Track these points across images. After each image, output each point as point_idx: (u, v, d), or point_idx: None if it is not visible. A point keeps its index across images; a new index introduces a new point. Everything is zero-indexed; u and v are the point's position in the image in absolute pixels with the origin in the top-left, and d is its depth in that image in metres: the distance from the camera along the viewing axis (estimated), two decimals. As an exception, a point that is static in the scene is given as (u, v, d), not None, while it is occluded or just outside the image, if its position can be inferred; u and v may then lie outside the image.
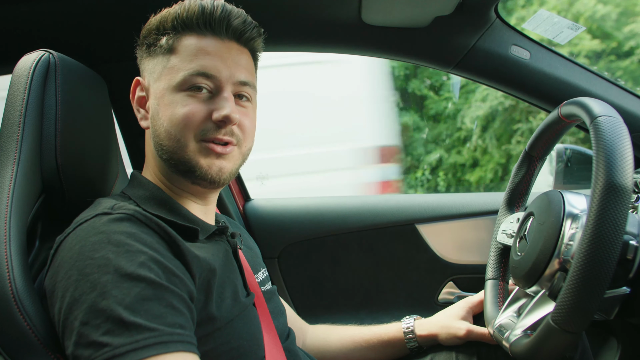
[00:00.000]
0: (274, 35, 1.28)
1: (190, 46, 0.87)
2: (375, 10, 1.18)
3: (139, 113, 0.94)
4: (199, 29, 0.88)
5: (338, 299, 1.62)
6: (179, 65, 0.87)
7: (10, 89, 0.89)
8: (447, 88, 6.82)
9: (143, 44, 0.93)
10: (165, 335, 0.67)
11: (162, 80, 0.88)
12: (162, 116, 0.87)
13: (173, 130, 0.86)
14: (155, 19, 0.90)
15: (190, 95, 0.86)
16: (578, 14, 5.48)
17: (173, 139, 0.86)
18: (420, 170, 6.62)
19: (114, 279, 0.68)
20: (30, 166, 0.86)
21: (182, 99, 0.86)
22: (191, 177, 0.89)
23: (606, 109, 0.80)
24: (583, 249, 0.71)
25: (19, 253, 0.78)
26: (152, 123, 0.90)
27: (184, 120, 0.85)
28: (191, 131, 0.86)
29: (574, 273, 0.72)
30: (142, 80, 0.93)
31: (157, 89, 0.89)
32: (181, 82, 0.86)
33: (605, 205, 0.71)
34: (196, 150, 0.86)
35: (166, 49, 0.88)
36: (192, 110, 0.86)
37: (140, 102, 0.94)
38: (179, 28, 0.88)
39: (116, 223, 0.76)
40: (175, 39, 0.88)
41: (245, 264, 1.01)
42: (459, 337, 1.11)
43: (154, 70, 0.90)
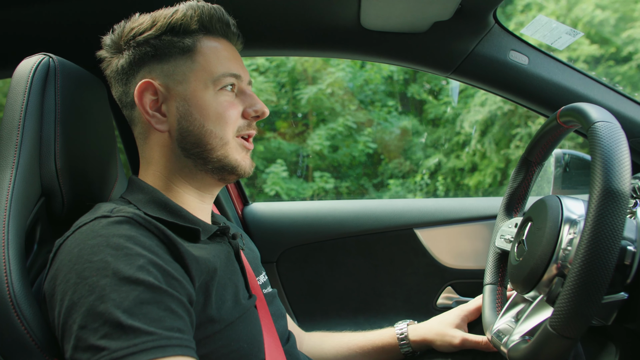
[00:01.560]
0: (274, 39, 1.29)
1: (213, 48, 0.92)
2: (374, 15, 1.18)
3: (152, 117, 0.90)
4: (216, 31, 0.93)
5: (336, 304, 1.62)
6: (210, 67, 0.90)
7: (9, 93, 0.89)
8: (447, 92, 6.83)
9: (143, 47, 0.89)
10: (163, 339, 0.67)
11: (190, 81, 0.89)
12: (199, 116, 0.89)
13: (215, 129, 0.90)
14: (160, 21, 0.89)
15: (223, 95, 0.91)
16: (576, 19, 5.49)
17: (215, 136, 0.90)
18: (419, 174, 6.62)
19: (112, 282, 0.68)
20: (29, 169, 0.86)
21: (217, 98, 0.90)
22: (223, 173, 0.93)
23: (604, 114, 0.80)
24: (581, 255, 0.71)
25: (17, 256, 0.78)
26: (182, 124, 0.89)
27: (224, 118, 0.90)
28: (230, 128, 0.91)
29: (572, 279, 0.72)
30: (155, 84, 0.89)
31: (185, 90, 0.89)
32: (215, 83, 0.90)
33: (603, 210, 0.71)
34: (234, 147, 0.92)
35: (187, 50, 0.90)
36: (230, 109, 0.91)
37: (152, 105, 0.90)
38: (200, 30, 0.91)
39: (115, 226, 0.76)
40: (196, 40, 0.91)
41: (247, 265, 1.01)
42: (453, 345, 1.11)
43: (174, 73, 0.89)
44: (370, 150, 6.46)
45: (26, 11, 1.11)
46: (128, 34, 0.90)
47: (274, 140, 6.43)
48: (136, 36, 0.89)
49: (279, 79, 6.55)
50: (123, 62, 0.91)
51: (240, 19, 0.97)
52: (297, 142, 6.62)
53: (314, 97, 6.43)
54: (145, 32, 0.89)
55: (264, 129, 6.46)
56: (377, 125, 6.60)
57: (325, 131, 6.36)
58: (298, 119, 6.75)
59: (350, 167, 6.51)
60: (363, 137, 6.42)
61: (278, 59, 6.40)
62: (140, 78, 0.90)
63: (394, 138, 6.67)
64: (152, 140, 0.93)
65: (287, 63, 6.51)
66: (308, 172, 6.44)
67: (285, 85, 6.64)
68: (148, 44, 0.89)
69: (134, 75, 0.91)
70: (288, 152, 6.45)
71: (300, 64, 6.56)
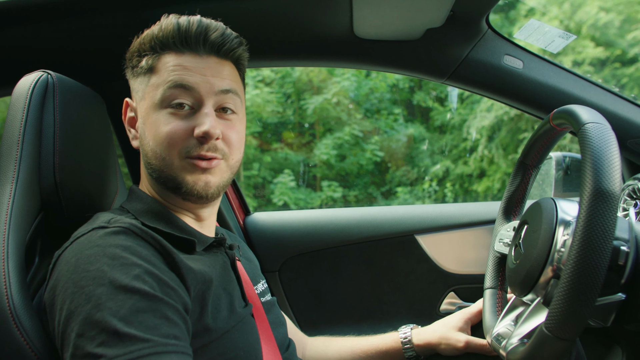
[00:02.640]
0: (267, 50, 1.30)
1: (168, 63, 0.88)
2: (367, 23, 1.19)
3: (130, 133, 0.96)
4: (176, 47, 0.89)
5: (339, 311, 1.62)
6: (158, 82, 0.88)
7: (9, 109, 0.91)
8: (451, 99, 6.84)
9: (128, 66, 0.95)
10: (159, 346, 0.67)
11: (145, 99, 0.90)
12: (148, 135, 0.89)
13: (158, 149, 0.88)
14: (137, 41, 0.92)
15: (172, 113, 0.87)
16: (581, 22, 5.48)
17: (159, 157, 0.88)
18: (427, 181, 6.60)
19: (108, 291, 0.69)
20: (28, 184, 0.88)
21: (164, 117, 0.87)
22: (180, 194, 0.90)
23: (594, 115, 0.80)
24: (573, 256, 0.71)
25: (17, 270, 0.80)
26: (141, 142, 0.92)
27: (167, 138, 0.87)
28: (175, 149, 0.87)
29: (565, 280, 0.72)
30: (130, 101, 0.95)
31: (142, 108, 0.91)
32: (161, 99, 0.87)
33: (593, 211, 0.71)
34: (181, 167, 0.88)
35: (147, 69, 0.90)
36: (174, 128, 0.87)
37: (131, 122, 0.96)
38: (157, 48, 0.89)
39: (112, 236, 0.77)
40: (154, 58, 0.90)
41: (244, 275, 1.02)
42: (458, 349, 1.10)
43: (138, 90, 0.92)
44: (378, 158, 6.46)
45: (25, 30, 1.14)
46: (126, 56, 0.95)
47: (280, 151, 6.46)
48: (127, 58, 0.95)
49: (285, 89, 6.60)
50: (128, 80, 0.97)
51: (234, 31, 0.98)
52: (304, 152, 6.65)
53: (320, 107, 6.47)
54: (127, 54, 0.94)
55: (271, 140, 6.50)
56: (383, 134, 6.61)
57: (332, 140, 6.38)
58: (305, 129, 6.78)
59: (357, 176, 6.51)
60: (370, 145, 6.43)
61: (283, 70, 6.45)
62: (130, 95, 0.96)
63: (401, 146, 6.67)
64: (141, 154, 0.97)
65: (293, 74, 6.55)
66: (316, 182, 6.46)
67: (291, 96, 6.68)
68: (129, 65, 0.94)
69: (128, 92, 0.97)
70: (295, 163, 6.47)
71: (306, 74, 6.60)
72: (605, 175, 0.72)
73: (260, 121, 6.33)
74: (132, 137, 0.96)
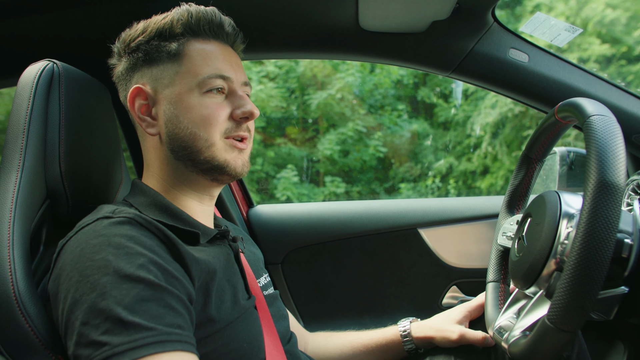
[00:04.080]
0: (272, 41, 1.30)
1: (201, 50, 0.92)
2: (372, 16, 1.19)
3: (143, 121, 0.94)
4: (204, 34, 0.93)
5: (341, 304, 1.62)
6: (195, 70, 0.91)
7: (15, 98, 0.91)
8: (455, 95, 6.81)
9: (136, 52, 0.93)
10: (163, 335, 0.68)
11: (176, 85, 0.91)
12: (184, 119, 0.90)
13: (200, 132, 0.90)
14: (151, 27, 0.92)
15: (210, 97, 0.91)
16: (587, 18, 5.45)
17: (200, 139, 0.90)
18: (430, 178, 6.59)
19: (113, 280, 0.70)
20: (34, 173, 0.88)
21: (203, 101, 0.91)
22: (214, 174, 0.94)
23: (599, 108, 0.80)
24: (576, 248, 0.71)
25: (21, 257, 0.80)
26: (169, 128, 0.92)
27: (210, 120, 0.90)
28: (217, 130, 0.91)
29: (568, 272, 0.72)
30: (145, 88, 0.93)
31: (172, 93, 0.91)
32: (200, 85, 0.91)
33: (598, 203, 0.70)
34: (222, 148, 0.92)
35: (174, 54, 0.91)
36: (216, 111, 0.91)
37: (143, 110, 0.94)
38: (186, 34, 0.92)
39: (117, 226, 0.77)
40: (183, 44, 0.92)
41: (247, 267, 1.02)
42: (452, 341, 1.11)
43: (162, 77, 0.92)
44: (381, 154, 6.45)
45: (32, 21, 1.14)
46: (125, 40, 0.94)
47: (284, 146, 6.46)
48: (130, 43, 0.93)
49: (289, 84, 6.59)
50: (122, 68, 0.96)
51: (238, 22, 0.98)
52: (308, 148, 6.65)
53: (324, 102, 6.45)
54: (137, 39, 0.93)
55: (274, 135, 6.50)
56: (387, 130, 6.59)
57: (336, 136, 6.37)
58: (308, 124, 6.77)
59: (361, 172, 6.50)
60: (373, 141, 6.42)
61: (287, 65, 6.44)
62: (134, 83, 0.94)
63: (405, 142, 6.66)
64: (148, 144, 0.97)
65: (297, 69, 6.54)
66: (319, 177, 6.45)
67: (295, 91, 6.67)
68: (139, 49, 0.93)
69: (130, 80, 0.95)
70: (299, 158, 6.47)
71: (310, 69, 6.58)
72: (610, 168, 0.71)
73: (264, 116, 6.33)
74: (147, 125, 0.94)
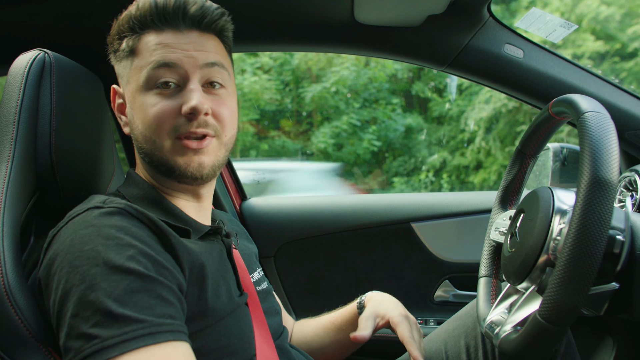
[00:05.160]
0: (267, 34, 1.29)
1: (149, 43, 0.86)
2: (367, 9, 1.18)
3: (121, 120, 0.94)
4: (155, 25, 0.86)
5: (334, 297, 1.62)
6: (141, 64, 0.85)
7: (5, 88, 0.90)
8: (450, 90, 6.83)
9: (111, 50, 0.92)
10: (154, 327, 0.67)
11: (130, 83, 0.88)
12: (136, 119, 0.87)
13: (147, 132, 0.85)
14: (116, 23, 0.90)
15: (158, 94, 0.85)
16: (581, 15, 5.47)
17: (149, 140, 0.86)
18: (424, 172, 6.62)
19: (102, 272, 0.69)
20: (24, 164, 0.87)
21: (150, 98, 0.85)
22: (174, 177, 0.88)
23: (593, 105, 0.80)
24: (569, 243, 0.71)
25: (11, 248, 0.79)
26: (131, 128, 0.91)
27: (155, 119, 0.84)
28: (164, 130, 0.84)
29: (560, 267, 0.72)
30: (117, 88, 0.93)
31: (128, 92, 0.89)
32: (146, 80, 0.85)
33: (591, 199, 0.70)
34: (172, 150, 0.85)
35: (128, 51, 0.87)
36: (161, 109, 0.84)
37: (120, 109, 0.94)
38: (136, 28, 0.86)
39: (107, 217, 0.76)
40: (134, 39, 0.87)
41: (241, 263, 1.01)
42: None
43: (123, 75, 0.90)
44: (375, 148, 6.46)
45: (24, 9, 1.13)
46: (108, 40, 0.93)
47: (278, 138, 6.45)
48: (108, 43, 0.92)
49: (283, 77, 6.57)
50: None
51: (233, 14, 0.97)
52: (302, 141, 6.64)
53: (318, 96, 6.45)
54: (109, 38, 0.92)
55: (268, 127, 6.48)
56: (381, 123, 6.60)
57: (330, 129, 6.38)
58: (302, 117, 6.76)
59: (354, 165, 6.51)
60: (367, 135, 6.43)
61: (282, 57, 6.42)
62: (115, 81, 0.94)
63: (399, 136, 6.67)
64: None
65: (291, 61, 6.52)
66: (312, 171, 6.45)
67: (289, 84, 6.66)
68: (111, 50, 0.92)
69: (115, 78, 0.94)
70: (292, 151, 6.47)
71: (305, 62, 6.57)
72: (603, 164, 0.71)
73: (258, 108, 6.31)
74: (123, 124, 0.93)
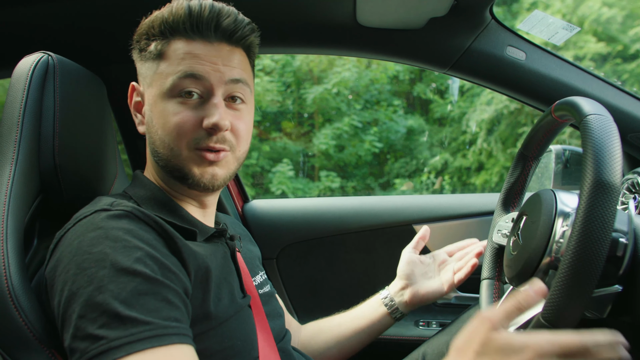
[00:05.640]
0: (269, 36, 1.29)
1: (178, 50, 0.86)
2: (370, 11, 1.18)
3: (136, 118, 0.94)
4: (186, 33, 0.86)
5: (336, 300, 1.63)
6: (168, 70, 0.86)
7: (9, 90, 0.90)
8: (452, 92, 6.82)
9: (136, 48, 0.92)
10: (160, 329, 0.68)
11: (153, 86, 0.88)
12: (156, 124, 0.88)
13: (167, 139, 0.86)
14: (145, 22, 0.90)
15: (181, 102, 0.86)
16: (583, 17, 5.46)
17: (167, 147, 0.87)
18: (426, 174, 6.61)
19: (110, 274, 0.69)
20: (28, 166, 0.88)
21: (173, 106, 0.86)
22: (186, 183, 0.89)
23: (596, 107, 0.80)
24: (571, 246, 0.71)
25: (15, 251, 0.80)
26: (148, 129, 0.91)
27: (176, 129, 0.85)
28: (184, 140, 0.86)
29: (563, 270, 0.72)
30: (137, 86, 0.93)
31: (150, 95, 0.89)
32: (171, 88, 0.85)
33: (593, 202, 0.71)
34: (189, 159, 0.87)
35: (155, 54, 0.88)
36: (184, 119, 0.85)
37: (137, 107, 0.94)
38: (167, 33, 0.87)
39: (114, 219, 0.77)
40: (164, 44, 0.87)
41: (243, 266, 1.02)
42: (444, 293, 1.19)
43: (146, 76, 0.90)
44: (377, 149, 6.46)
45: (28, 11, 1.13)
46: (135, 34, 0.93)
47: (279, 140, 6.46)
48: (134, 39, 0.93)
49: (285, 79, 6.57)
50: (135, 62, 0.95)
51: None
52: (303, 142, 6.64)
53: (320, 97, 6.45)
54: (137, 34, 0.91)
55: (270, 129, 6.49)
56: (382, 125, 6.60)
57: (331, 131, 6.38)
58: (304, 119, 6.76)
59: (356, 167, 6.52)
60: (369, 136, 6.43)
61: (283, 59, 6.42)
62: (136, 79, 0.94)
63: (400, 137, 6.67)
64: (146, 139, 0.95)
65: (293, 63, 6.53)
66: (314, 172, 6.46)
67: (290, 85, 6.66)
68: (137, 47, 0.92)
69: (135, 75, 0.94)
70: (294, 152, 6.47)
71: (306, 64, 6.57)
72: (606, 167, 0.71)
73: (259, 110, 6.32)
74: (139, 122, 0.94)
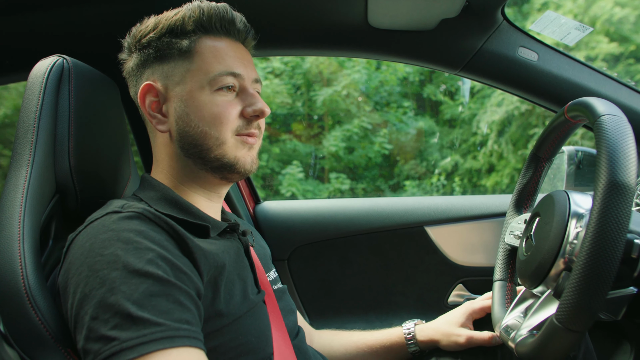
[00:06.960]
0: (281, 38, 1.30)
1: (212, 48, 0.92)
2: (381, 13, 1.19)
3: (153, 118, 0.94)
4: (216, 31, 0.93)
5: (348, 301, 1.63)
6: (206, 67, 0.91)
7: (25, 93, 0.92)
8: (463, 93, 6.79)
9: (147, 49, 0.92)
10: (172, 330, 0.68)
11: (187, 82, 0.90)
12: (195, 117, 0.90)
13: (211, 130, 0.90)
14: (161, 23, 0.91)
15: (221, 95, 0.91)
16: (595, 17, 5.41)
17: (211, 137, 0.90)
18: (436, 175, 6.58)
19: (122, 275, 0.70)
20: (44, 167, 0.89)
21: (214, 99, 0.91)
22: (224, 172, 0.94)
23: (610, 108, 0.79)
24: (586, 248, 0.71)
25: (32, 251, 0.81)
26: (180, 125, 0.91)
27: (221, 118, 0.90)
28: (228, 128, 0.91)
29: (577, 271, 0.71)
30: (154, 85, 0.92)
31: (183, 91, 0.91)
32: (211, 83, 0.90)
33: (608, 203, 0.70)
34: (233, 145, 0.92)
35: (185, 51, 0.91)
36: (227, 109, 0.91)
37: (153, 107, 0.94)
38: (198, 31, 0.92)
39: (126, 221, 0.78)
40: (195, 41, 0.91)
41: (257, 261, 1.03)
42: (459, 345, 1.11)
43: (173, 74, 0.91)
44: (386, 151, 6.44)
45: (41, 15, 1.15)
46: (136, 36, 0.94)
47: (289, 142, 6.46)
48: (141, 38, 0.93)
49: (294, 81, 6.58)
50: (132, 63, 0.95)
51: (248, 20, 0.98)
52: (313, 144, 6.64)
53: (330, 99, 6.44)
54: (148, 35, 0.92)
55: (280, 131, 6.50)
56: (392, 127, 6.58)
57: (341, 132, 6.37)
58: (314, 120, 6.76)
59: (366, 169, 6.50)
60: (379, 138, 6.41)
61: (293, 61, 6.43)
62: (145, 79, 0.94)
63: (410, 139, 6.64)
64: (157, 140, 0.96)
65: (303, 65, 6.53)
66: (324, 174, 6.45)
67: (300, 87, 6.66)
68: (150, 46, 0.92)
69: (141, 76, 0.95)
70: (304, 154, 6.47)
71: (316, 65, 6.57)
72: (620, 168, 0.71)
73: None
74: (157, 121, 0.94)
